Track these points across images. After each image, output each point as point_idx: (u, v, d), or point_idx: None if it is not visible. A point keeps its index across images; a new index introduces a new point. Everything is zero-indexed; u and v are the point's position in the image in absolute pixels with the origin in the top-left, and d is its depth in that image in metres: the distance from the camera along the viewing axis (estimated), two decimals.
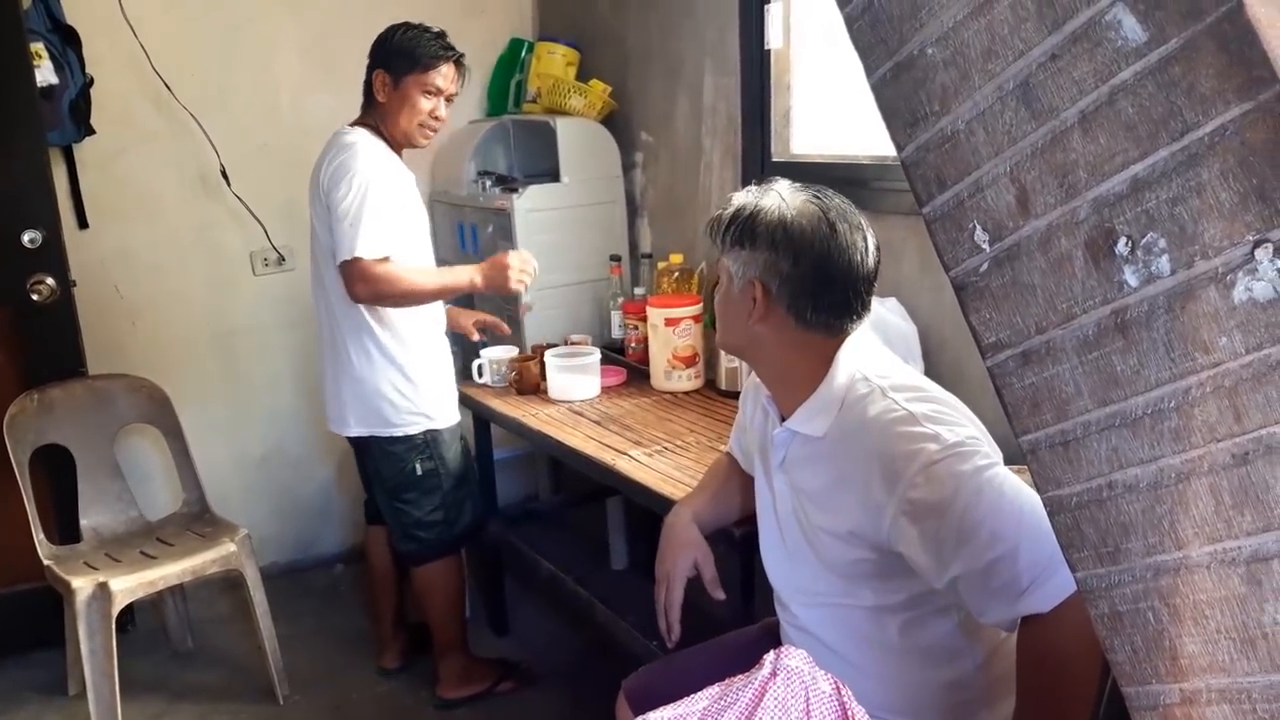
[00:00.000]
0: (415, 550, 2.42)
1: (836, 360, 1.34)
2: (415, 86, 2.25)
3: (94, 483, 2.62)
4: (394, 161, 2.30)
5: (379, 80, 2.28)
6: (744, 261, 1.33)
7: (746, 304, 1.34)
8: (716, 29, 2.63)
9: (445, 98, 2.31)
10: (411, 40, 2.26)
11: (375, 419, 2.32)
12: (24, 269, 2.53)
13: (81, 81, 2.66)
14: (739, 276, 1.35)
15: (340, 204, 2.18)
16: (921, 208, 0.77)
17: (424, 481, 2.37)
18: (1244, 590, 0.63)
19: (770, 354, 1.38)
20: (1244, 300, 0.60)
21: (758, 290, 1.32)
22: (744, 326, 1.36)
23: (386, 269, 2.19)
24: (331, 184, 2.20)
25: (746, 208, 1.34)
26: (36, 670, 2.67)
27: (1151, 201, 0.63)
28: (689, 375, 2.56)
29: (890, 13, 0.75)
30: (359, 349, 2.29)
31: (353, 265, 2.18)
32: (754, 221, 1.32)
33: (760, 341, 1.37)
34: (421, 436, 2.34)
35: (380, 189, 2.20)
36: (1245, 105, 0.58)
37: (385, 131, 2.30)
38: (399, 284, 2.21)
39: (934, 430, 1.22)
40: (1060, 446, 0.70)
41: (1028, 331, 0.71)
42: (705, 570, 1.56)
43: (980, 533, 1.17)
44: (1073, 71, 0.65)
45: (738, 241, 1.34)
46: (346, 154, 2.22)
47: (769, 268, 1.31)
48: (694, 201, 2.83)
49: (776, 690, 0.84)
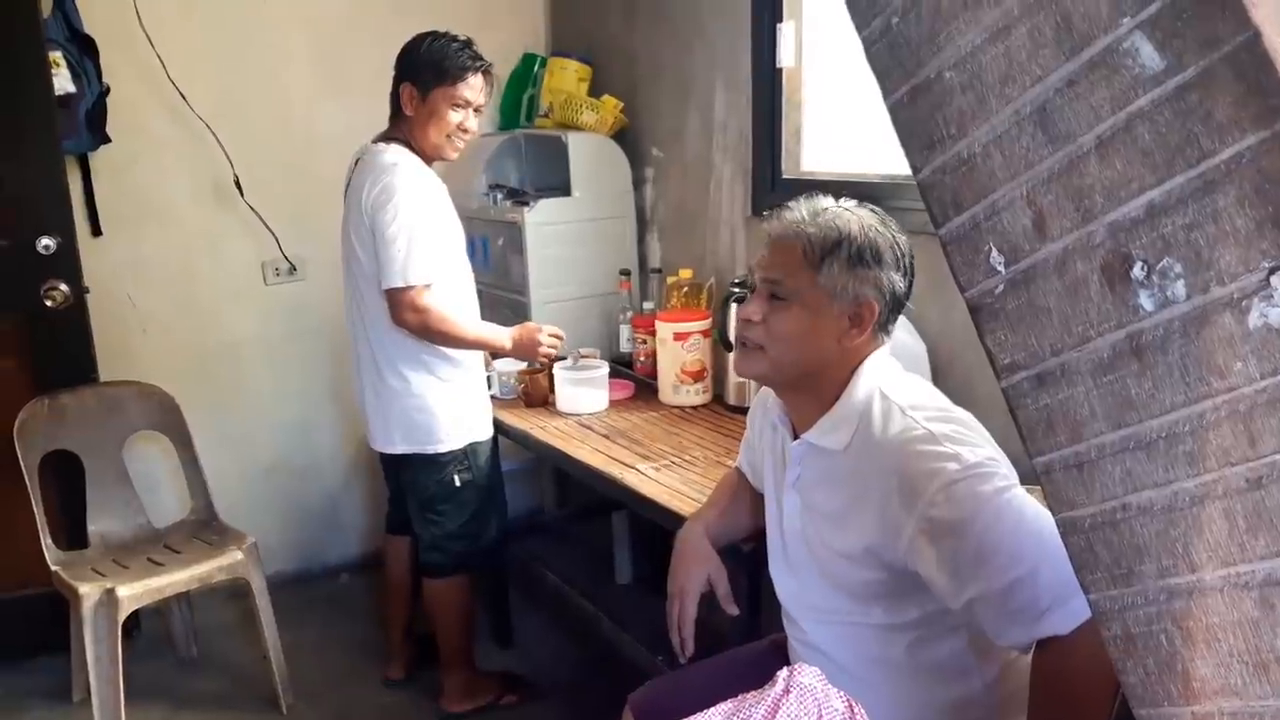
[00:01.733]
0: (440, 562, 2.41)
1: (857, 374, 1.34)
2: (443, 99, 2.22)
3: (103, 489, 2.63)
4: (433, 179, 2.26)
5: (406, 93, 2.24)
6: (860, 280, 1.31)
7: (843, 323, 1.32)
8: (728, 46, 2.64)
9: (474, 109, 2.27)
10: (439, 51, 2.21)
11: (423, 435, 2.31)
12: (38, 275, 2.55)
13: (98, 90, 2.69)
14: (842, 295, 1.31)
15: (387, 229, 2.15)
16: (937, 229, 0.77)
17: (460, 494, 2.36)
18: (1257, 614, 0.63)
19: (821, 370, 1.36)
20: (1259, 326, 0.60)
21: (872, 309, 1.32)
22: (833, 345, 1.33)
23: (439, 308, 2.20)
24: (376, 208, 2.17)
25: (848, 225, 1.32)
26: (41, 676, 2.67)
27: (1167, 227, 0.63)
28: (697, 390, 2.56)
29: (908, 37, 0.76)
30: (408, 367, 2.28)
31: (402, 293, 2.17)
32: (876, 241, 1.32)
33: (827, 359, 1.34)
34: (462, 449, 2.34)
35: (425, 214, 2.18)
36: (1262, 133, 0.58)
37: (415, 144, 2.27)
38: (445, 325, 2.22)
39: (954, 450, 1.22)
40: (1075, 468, 0.71)
41: (1043, 354, 0.71)
42: (719, 585, 1.56)
43: (999, 553, 1.17)
44: (1090, 98, 0.66)
45: (859, 260, 1.31)
46: (390, 176, 2.18)
47: (883, 286, 1.32)
48: (704, 217, 2.84)
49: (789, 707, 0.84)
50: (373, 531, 3.32)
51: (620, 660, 2.37)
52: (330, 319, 3.08)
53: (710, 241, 2.82)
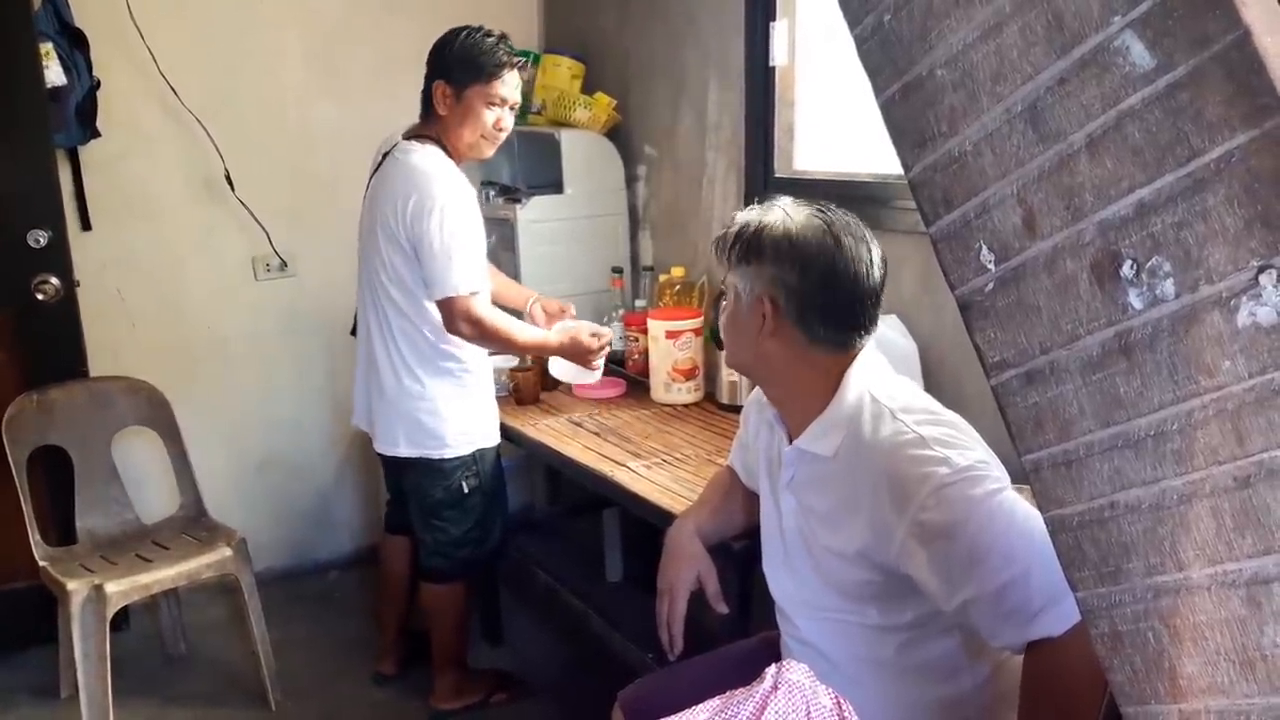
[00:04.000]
0: (443, 568, 2.39)
1: (846, 379, 1.34)
2: (479, 98, 2.15)
3: (91, 485, 2.62)
4: (467, 186, 2.21)
5: (439, 92, 2.17)
6: (751, 277, 1.33)
7: (755, 320, 1.34)
8: (721, 44, 2.64)
9: (510, 106, 2.21)
10: (474, 48, 2.15)
11: (429, 440, 2.28)
12: (29, 269, 2.54)
13: (88, 84, 2.67)
14: (747, 293, 1.35)
15: (434, 241, 2.11)
16: (928, 227, 0.77)
17: (467, 500, 2.34)
18: (1244, 612, 0.63)
19: (780, 371, 1.38)
20: (1247, 325, 0.60)
21: (766, 305, 1.32)
22: (753, 343, 1.36)
23: (492, 315, 2.18)
24: (417, 218, 2.12)
25: (751, 224, 1.35)
26: (28, 672, 2.66)
27: (1157, 225, 0.63)
28: (689, 388, 2.56)
29: (900, 35, 0.76)
30: (425, 371, 2.25)
31: (454, 303, 2.14)
32: (759, 236, 1.33)
33: (769, 358, 1.36)
34: (470, 455, 2.32)
35: (466, 223, 2.15)
36: (1251, 132, 0.58)
37: (448, 143, 2.21)
38: (500, 333, 2.21)
39: (944, 454, 1.22)
40: (1063, 466, 0.71)
41: (1032, 352, 0.71)
42: (709, 584, 1.57)
43: (992, 556, 1.18)
44: (1081, 96, 0.66)
45: (743, 257, 1.34)
46: (430, 184, 2.13)
47: (776, 282, 1.31)
48: (696, 215, 2.84)
49: (777, 704, 0.84)
50: (363, 528, 3.32)
51: (610, 658, 2.38)
52: (321, 315, 3.08)
53: (703, 240, 2.82)
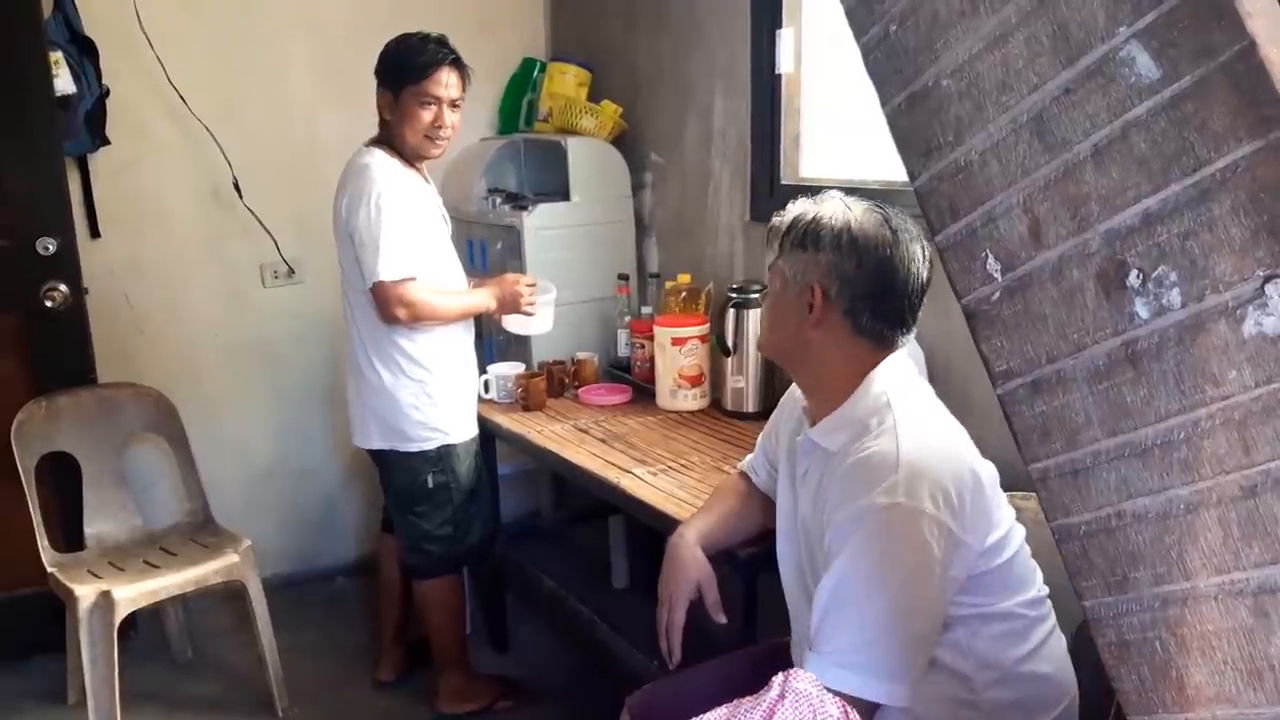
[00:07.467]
0: (421, 564, 2.42)
1: (871, 377, 1.34)
2: (413, 98, 2.23)
3: (99, 491, 2.62)
4: (409, 178, 2.30)
5: (382, 99, 2.29)
6: (805, 263, 1.34)
7: (802, 307, 1.35)
8: (727, 53, 2.65)
9: (448, 104, 2.27)
10: (403, 52, 2.24)
11: (395, 434, 2.34)
12: (38, 276, 2.54)
13: (98, 92, 2.69)
14: (796, 279, 1.35)
15: (360, 230, 2.21)
16: (934, 236, 0.78)
17: (435, 495, 2.37)
18: (1251, 622, 0.63)
19: (814, 360, 1.39)
20: (1254, 334, 0.60)
21: (816, 294, 1.33)
22: (796, 329, 1.37)
23: (417, 293, 2.23)
24: (350, 211, 2.23)
25: (809, 212, 1.36)
26: (36, 677, 2.66)
27: (1163, 235, 0.63)
28: (694, 395, 2.56)
29: (906, 44, 0.76)
30: (383, 366, 2.31)
31: (382, 289, 2.21)
32: (818, 224, 1.34)
33: (808, 346, 1.37)
34: (435, 451, 2.35)
35: (395, 209, 2.21)
36: (1257, 143, 0.59)
37: (397, 146, 2.30)
38: (429, 310, 2.26)
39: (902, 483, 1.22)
40: (1070, 475, 0.71)
41: (1038, 361, 0.72)
42: (708, 594, 1.56)
43: (856, 579, 1.21)
44: (1086, 106, 0.66)
45: (800, 244, 1.35)
46: (360, 178, 2.23)
47: (831, 270, 1.32)
48: (702, 222, 2.84)
49: (784, 712, 0.84)
50: (369, 535, 3.32)
51: (616, 665, 2.37)
52: (328, 322, 3.08)
53: (708, 247, 2.82)
